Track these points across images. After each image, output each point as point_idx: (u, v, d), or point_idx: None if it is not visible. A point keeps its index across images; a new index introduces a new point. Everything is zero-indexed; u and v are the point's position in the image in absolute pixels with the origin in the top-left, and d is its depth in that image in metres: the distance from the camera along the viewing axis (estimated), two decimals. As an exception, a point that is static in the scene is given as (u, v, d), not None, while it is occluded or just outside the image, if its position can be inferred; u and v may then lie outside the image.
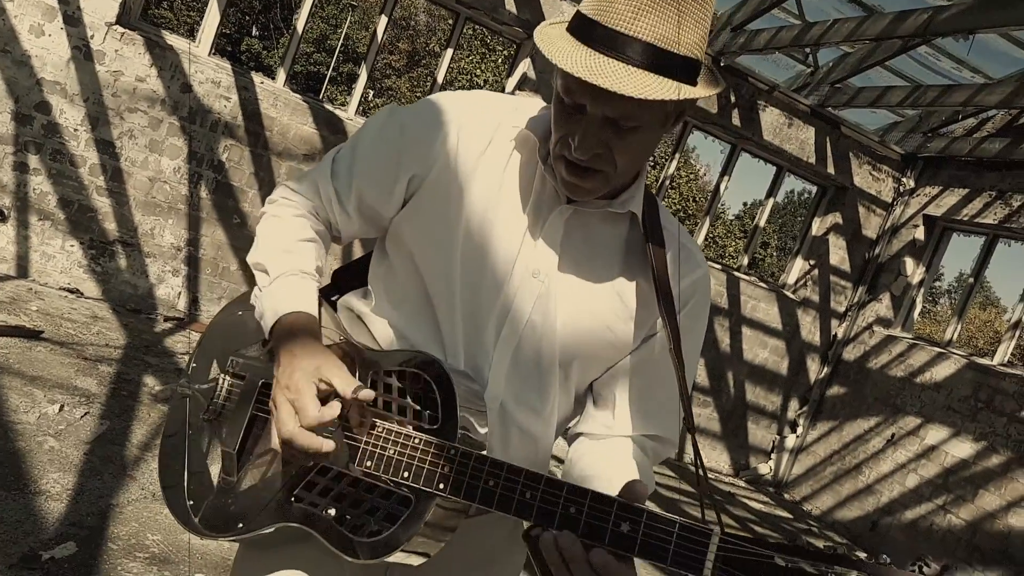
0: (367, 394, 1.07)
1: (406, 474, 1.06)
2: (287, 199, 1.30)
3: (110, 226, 5.78)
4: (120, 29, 5.44)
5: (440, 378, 1.10)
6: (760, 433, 8.04)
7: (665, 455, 1.35)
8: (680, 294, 1.26)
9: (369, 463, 1.09)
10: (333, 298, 1.40)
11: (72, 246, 5.70)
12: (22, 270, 5.61)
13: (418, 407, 1.11)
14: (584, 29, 1.06)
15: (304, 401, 1.06)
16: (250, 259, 1.27)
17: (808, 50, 6.75)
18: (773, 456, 8.13)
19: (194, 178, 5.90)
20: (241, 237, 6.10)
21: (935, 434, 6.81)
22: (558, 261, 1.22)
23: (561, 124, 1.12)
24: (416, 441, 1.07)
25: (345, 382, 1.08)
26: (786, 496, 7.97)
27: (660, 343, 1.29)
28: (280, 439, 1.09)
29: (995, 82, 5.97)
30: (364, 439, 1.11)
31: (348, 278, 1.41)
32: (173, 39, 5.78)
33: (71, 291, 5.71)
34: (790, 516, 7.30)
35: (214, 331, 1.35)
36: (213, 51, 5.99)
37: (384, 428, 1.10)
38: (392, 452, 1.08)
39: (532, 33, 1.22)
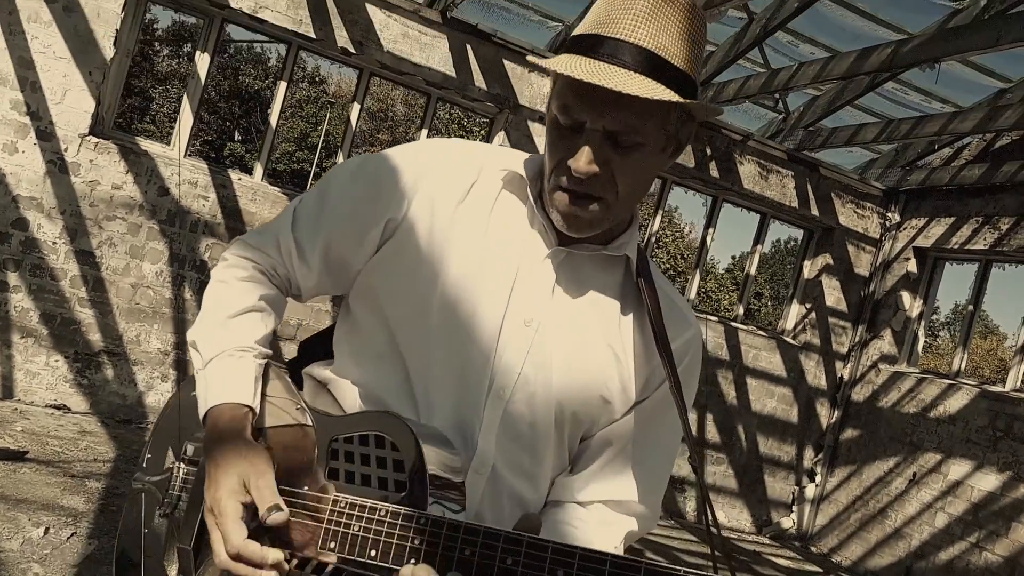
0: (277, 518, 0.96)
1: (373, 552, 0.95)
2: (238, 257, 1.20)
3: (94, 337, 5.68)
4: (94, 139, 5.45)
5: (405, 438, 1.00)
6: (778, 485, 7.80)
7: (648, 530, 1.26)
8: (673, 353, 1.17)
9: (333, 544, 0.98)
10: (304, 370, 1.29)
11: (57, 361, 5.57)
12: (7, 390, 5.47)
13: (383, 473, 1.01)
14: (583, 43, 1.04)
15: (227, 527, 0.96)
16: (188, 336, 1.16)
17: (777, 96, 6.82)
18: (795, 508, 7.87)
19: (177, 280, 5.83)
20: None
21: (958, 469, 6.60)
22: (552, 308, 1.13)
23: (558, 149, 1.06)
24: (382, 513, 0.97)
25: (265, 498, 0.97)
26: (813, 549, 7.68)
27: (654, 405, 1.20)
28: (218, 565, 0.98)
29: (967, 109, 6.02)
30: (326, 518, 1.00)
31: (317, 348, 1.30)
32: (148, 144, 5.80)
33: (58, 407, 5.56)
34: (820, 571, 7.00)
35: (168, 416, 1.23)
36: (188, 152, 6.00)
37: (347, 503, 0.99)
38: (357, 529, 0.97)
39: (503, 107, 1.17)
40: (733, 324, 7.52)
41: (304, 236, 1.18)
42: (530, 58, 1.10)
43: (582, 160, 1.03)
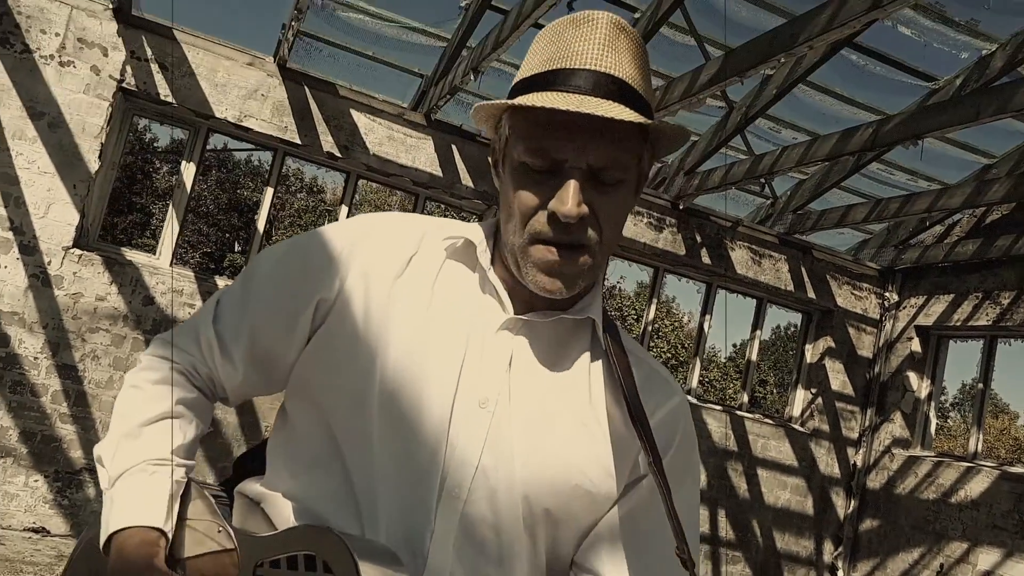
0: None
1: None
2: (153, 358, 1.07)
3: (76, 454, 5.46)
4: (78, 252, 5.40)
5: (340, 557, 0.85)
6: (798, 584, 7.38)
7: None
8: (657, 427, 1.02)
9: None
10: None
11: (36, 481, 5.34)
12: (-20, 515, 5.21)
13: None
14: (544, 80, 0.95)
15: None
16: (95, 451, 1.01)
17: (764, 181, 6.85)
18: (818, 608, 7.42)
19: (162, 391, 5.66)
20: (214, 447, 5.78)
21: (987, 558, 6.24)
22: (509, 385, 0.98)
23: (531, 196, 0.95)
24: None
25: None
26: (842, 652, 7.19)
27: (651, 485, 1.02)
28: None
29: (955, 185, 6.01)
30: None
31: (253, 463, 1.14)
32: (133, 254, 5.75)
33: (36, 531, 5.29)
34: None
35: (76, 565, 1.06)
36: (174, 261, 5.95)
37: None
38: None
39: (491, 203, 1.06)
40: (739, 413, 7.29)
41: (226, 329, 1.05)
42: (480, 105, 0.98)
43: (570, 201, 0.91)
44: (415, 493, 0.95)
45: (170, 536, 0.93)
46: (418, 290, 1.01)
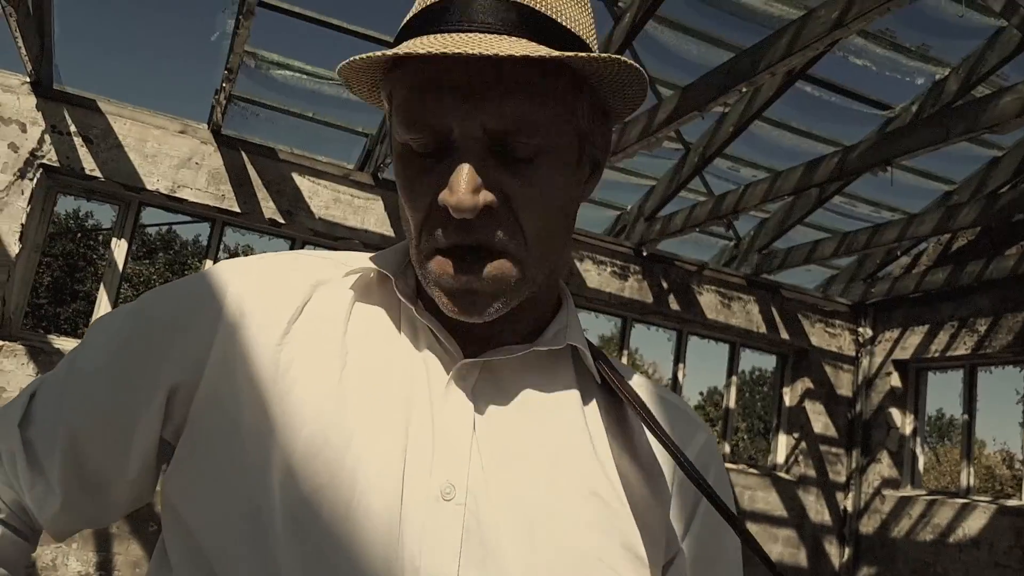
0: None
1: None
2: None
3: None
4: (-2, 343, 4.93)
5: None
6: (800, 643, 6.96)
7: None
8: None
9: None
10: None
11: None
12: None
13: None
14: (422, 20, 0.66)
15: None
16: None
17: (728, 221, 6.68)
18: (823, 668, 6.99)
19: (97, 491, 5.14)
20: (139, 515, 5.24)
21: (995, 599, 5.92)
22: (481, 457, 0.67)
23: (418, 189, 0.66)
24: None
25: None
26: None
27: (702, 534, 0.77)
28: None
29: (922, 212, 5.89)
30: None
31: None
32: (61, 341, 5.28)
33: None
34: None
35: None
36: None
37: None
38: None
39: None
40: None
41: (39, 435, 0.71)
42: (347, 62, 0.66)
43: (461, 186, 0.63)
44: None
45: None
46: (322, 348, 0.68)
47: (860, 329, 7.48)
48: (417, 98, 0.64)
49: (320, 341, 0.68)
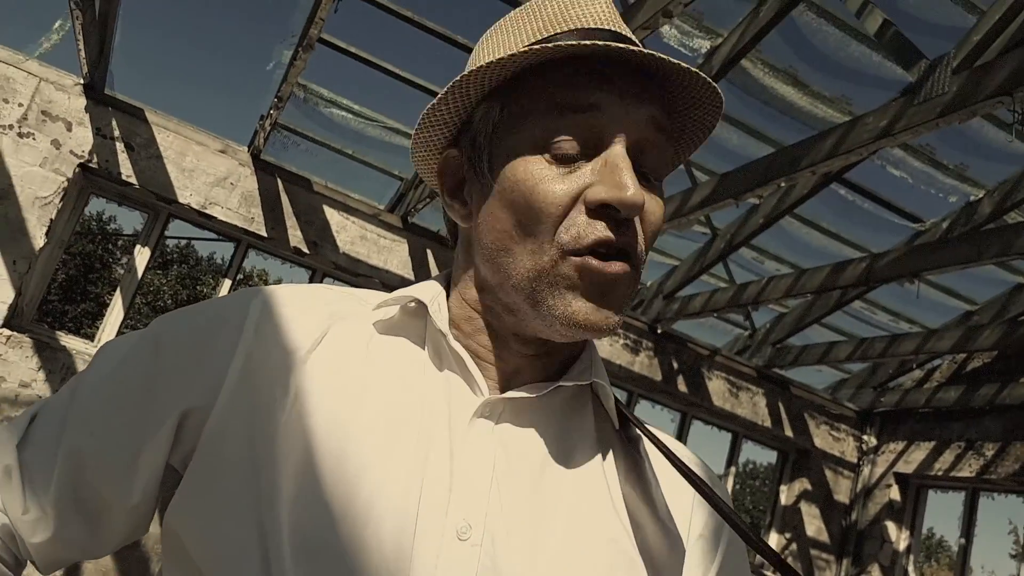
0: None
1: None
2: None
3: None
4: (7, 332, 4.92)
5: None
6: None
7: None
8: (704, 528, 0.75)
9: None
10: None
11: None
12: None
13: None
14: (574, 34, 0.68)
15: None
16: None
17: (749, 310, 6.67)
18: None
19: (79, 496, 5.06)
20: (131, 559, 5.13)
21: None
22: (501, 499, 0.64)
23: (558, 192, 0.65)
24: None
25: None
26: None
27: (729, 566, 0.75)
28: None
29: (942, 328, 5.87)
30: None
31: None
32: (68, 339, 5.27)
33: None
34: None
35: None
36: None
37: None
38: None
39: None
40: (709, 556, 6.80)
41: (37, 457, 0.69)
42: (463, 76, 0.67)
43: (631, 183, 0.62)
44: None
45: None
46: (340, 379, 0.67)
47: (865, 436, 7.38)
48: (586, 96, 0.64)
49: (338, 371, 0.67)
